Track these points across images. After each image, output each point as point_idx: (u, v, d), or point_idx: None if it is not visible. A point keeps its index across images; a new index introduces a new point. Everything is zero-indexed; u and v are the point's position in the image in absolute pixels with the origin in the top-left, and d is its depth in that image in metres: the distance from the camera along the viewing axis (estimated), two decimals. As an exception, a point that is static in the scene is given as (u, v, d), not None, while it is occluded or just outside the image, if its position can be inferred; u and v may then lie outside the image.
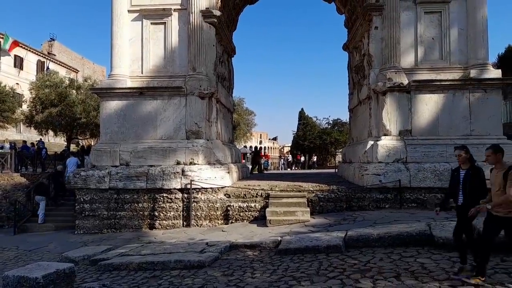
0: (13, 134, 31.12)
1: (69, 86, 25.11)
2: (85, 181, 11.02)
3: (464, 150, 4.72)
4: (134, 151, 11.29)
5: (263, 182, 12.05)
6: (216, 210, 10.65)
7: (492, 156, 4.33)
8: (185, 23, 11.62)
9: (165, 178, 10.71)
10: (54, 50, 43.03)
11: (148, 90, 11.57)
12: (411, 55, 11.26)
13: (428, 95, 10.96)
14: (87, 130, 25.06)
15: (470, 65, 10.96)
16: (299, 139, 41.99)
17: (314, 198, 10.52)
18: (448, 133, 10.83)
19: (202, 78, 11.43)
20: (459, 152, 4.77)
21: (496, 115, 10.90)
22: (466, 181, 4.67)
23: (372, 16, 11.44)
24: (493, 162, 4.35)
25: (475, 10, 10.89)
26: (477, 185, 4.58)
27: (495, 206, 4.12)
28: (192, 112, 11.42)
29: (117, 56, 11.71)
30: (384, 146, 10.71)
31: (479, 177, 4.62)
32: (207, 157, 11.23)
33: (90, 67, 49.06)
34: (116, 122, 11.65)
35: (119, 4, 11.71)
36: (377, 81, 11.12)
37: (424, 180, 10.21)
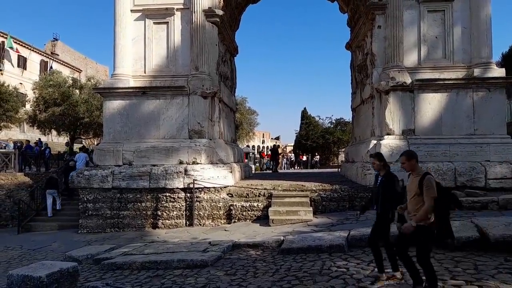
0: (17, 133, 31.25)
1: (72, 85, 25.19)
2: (88, 181, 11.06)
3: (377, 158, 4.52)
4: (137, 151, 11.31)
5: (266, 182, 12.04)
6: (219, 209, 10.66)
7: (406, 163, 4.11)
8: (188, 22, 11.63)
9: (168, 178, 10.73)
10: (57, 50, 43.18)
11: (151, 90, 11.59)
12: (414, 54, 11.22)
13: (432, 94, 10.91)
14: (90, 129, 25.12)
15: (473, 64, 10.90)
16: (302, 139, 41.90)
17: (317, 197, 10.50)
18: (452, 133, 10.78)
19: (205, 78, 11.43)
20: (373, 160, 4.60)
21: (500, 114, 10.85)
22: (379, 189, 4.59)
23: (375, 15, 11.40)
24: (408, 169, 4.15)
25: (478, 9, 10.84)
26: (388, 193, 4.48)
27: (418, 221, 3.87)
28: (195, 112, 11.42)
29: (120, 55, 11.74)
30: (387, 146, 10.68)
31: (392, 184, 4.52)
32: (210, 156, 11.24)
33: (93, 67, 49.20)
34: (119, 121, 11.68)
35: (122, 4, 11.73)
36: (380, 80, 11.08)
37: (427, 179, 10.15)
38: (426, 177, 3.90)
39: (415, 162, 4.08)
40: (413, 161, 4.08)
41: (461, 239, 5.63)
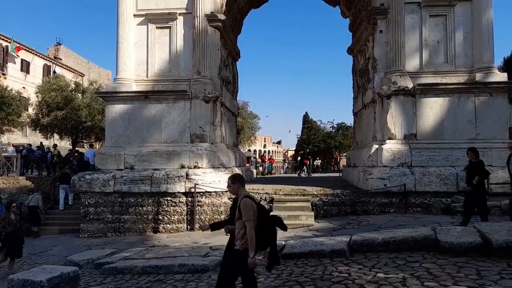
0: (19, 137, 31.35)
1: (74, 89, 25.31)
2: (90, 185, 11.07)
3: (230, 180, 4.16)
4: (138, 155, 11.32)
5: (267, 186, 12.03)
6: (220, 214, 10.64)
7: (231, 186, 4.00)
8: (190, 27, 11.68)
9: (169, 182, 10.73)
10: (60, 54, 43.39)
11: (153, 94, 11.62)
12: (416, 58, 11.22)
13: (433, 98, 10.90)
14: (92, 133, 25.20)
15: (475, 68, 10.90)
16: (303, 143, 41.90)
17: (318, 202, 10.48)
18: (454, 137, 10.76)
19: (207, 82, 11.46)
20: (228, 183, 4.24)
21: (502, 119, 10.82)
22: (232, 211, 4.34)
23: (376, 20, 11.43)
24: (232, 192, 4.03)
25: (480, 14, 10.85)
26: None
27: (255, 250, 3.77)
28: (197, 116, 11.44)
29: (122, 60, 11.79)
30: (389, 150, 10.66)
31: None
32: (211, 160, 11.24)
33: (96, 71, 49.41)
34: (121, 125, 11.71)
35: (125, 8, 11.80)
36: (382, 85, 11.09)
37: (430, 184, 10.14)
38: (242, 200, 3.78)
39: (238, 186, 3.97)
40: (236, 184, 3.97)
41: (464, 244, 5.60)
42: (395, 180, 10.18)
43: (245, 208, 3.74)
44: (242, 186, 4.03)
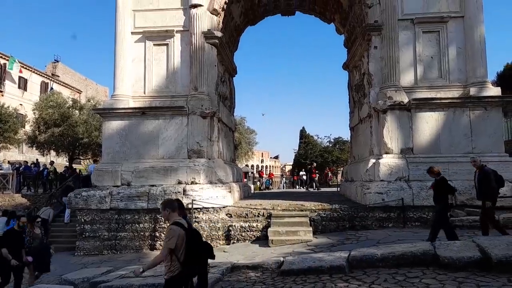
0: (15, 154, 31.18)
1: (72, 106, 25.35)
2: (86, 202, 10.97)
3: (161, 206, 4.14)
4: (135, 171, 11.28)
5: (265, 201, 11.96)
6: (218, 230, 10.54)
7: (162, 212, 3.99)
8: (187, 44, 11.81)
9: (166, 198, 10.65)
10: (58, 71, 43.60)
11: (151, 110, 11.66)
12: (411, 73, 11.37)
13: (429, 113, 11.00)
14: (89, 150, 25.13)
15: (469, 83, 11.04)
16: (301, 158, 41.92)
17: (317, 217, 10.42)
18: (450, 151, 10.81)
19: (204, 98, 11.53)
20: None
21: (497, 132, 10.90)
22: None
23: (371, 36, 11.61)
24: (164, 218, 3.99)
25: (472, 30, 11.05)
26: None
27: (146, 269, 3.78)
28: (194, 131, 11.46)
29: (120, 76, 11.87)
30: (386, 164, 10.68)
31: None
32: (209, 176, 11.20)
33: (93, 88, 49.59)
34: (118, 141, 11.69)
35: (122, 26, 11.95)
36: (378, 100, 11.19)
37: (427, 198, 10.11)
38: (168, 227, 3.78)
39: (169, 212, 3.95)
40: (167, 210, 3.95)
41: (463, 259, 5.56)
42: (393, 195, 10.17)
43: (168, 235, 3.73)
44: (173, 211, 3.98)
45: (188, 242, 3.78)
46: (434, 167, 7.98)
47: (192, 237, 3.89)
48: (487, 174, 7.48)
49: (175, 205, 4.15)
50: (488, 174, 7.46)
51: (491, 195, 7.39)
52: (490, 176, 7.42)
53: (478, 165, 7.73)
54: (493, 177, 7.43)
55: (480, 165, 7.72)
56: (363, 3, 11.86)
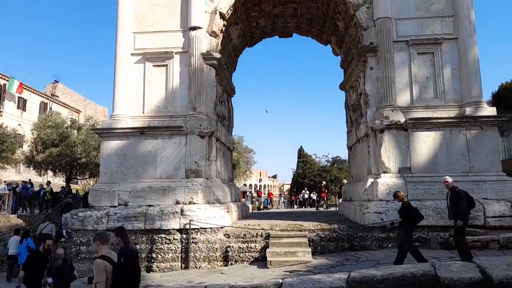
0: (12, 174, 31.01)
1: (70, 126, 25.40)
2: (82, 222, 10.85)
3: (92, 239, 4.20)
4: (133, 191, 11.21)
5: (263, 222, 11.87)
6: (215, 251, 10.40)
7: (92, 245, 3.98)
8: (186, 65, 11.98)
9: (163, 218, 10.56)
10: (58, 91, 43.94)
11: (149, 130, 11.70)
12: (407, 93, 11.51)
13: (425, 132, 11.08)
14: (87, 170, 25.03)
15: (465, 103, 11.16)
16: (299, 177, 41.87)
17: (315, 237, 10.32)
18: (448, 170, 10.81)
19: (202, 118, 11.60)
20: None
21: (494, 152, 10.96)
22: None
23: (367, 57, 11.82)
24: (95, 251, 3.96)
25: (466, 51, 11.27)
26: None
27: None
28: (192, 151, 11.47)
29: (119, 97, 11.96)
30: (384, 184, 10.67)
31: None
32: (207, 196, 11.15)
33: (92, 108, 49.85)
34: (116, 161, 11.67)
35: (123, 47, 12.13)
36: (374, 119, 11.28)
37: (426, 218, 10.02)
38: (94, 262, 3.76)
39: (98, 244, 3.92)
40: (96, 243, 3.93)
41: (464, 280, 5.49)
42: (392, 214, 10.09)
43: (95, 270, 3.70)
44: (102, 244, 3.94)
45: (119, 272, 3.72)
46: (398, 193, 8.25)
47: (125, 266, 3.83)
48: (458, 195, 7.59)
49: (106, 237, 4.09)
50: (460, 194, 7.59)
51: (462, 215, 7.46)
52: (462, 196, 7.54)
53: (450, 186, 7.89)
54: (464, 198, 7.55)
55: (452, 186, 7.88)
56: (358, 25, 12.13)
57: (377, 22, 11.64)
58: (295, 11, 14.80)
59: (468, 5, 11.40)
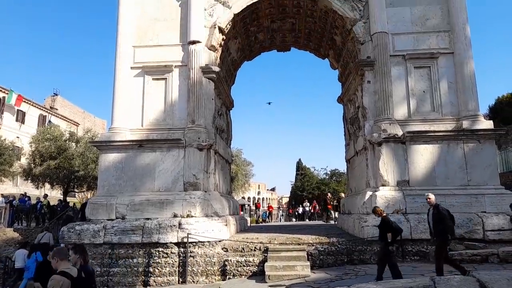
0: (9, 187, 30.81)
1: (69, 139, 25.38)
2: (79, 236, 10.75)
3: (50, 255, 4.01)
4: (130, 204, 11.16)
5: (262, 235, 11.79)
6: (213, 265, 10.30)
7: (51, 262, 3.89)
8: (185, 78, 12.07)
9: (161, 232, 10.48)
10: (57, 104, 44.06)
11: (148, 143, 11.71)
12: (404, 107, 11.59)
13: (423, 145, 11.12)
14: (84, 183, 24.89)
15: (462, 116, 11.24)
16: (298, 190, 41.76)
17: (314, 251, 10.24)
18: (446, 183, 10.83)
19: (201, 130, 11.64)
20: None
21: (492, 165, 10.99)
22: None
23: (364, 71, 11.94)
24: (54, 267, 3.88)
25: (462, 65, 11.40)
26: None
27: None
28: (190, 164, 11.47)
29: (118, 109, 12.01)
30: (382, 197, 10.65)
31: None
32: (205, 209, 11.09)
33: (91, 120, 49.93)
34: (114, 174, 11.64)
35: (122, 61, 12.24)
36: (372, 132, 11.33)
37: (425, 231, 9.98)
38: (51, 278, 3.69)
39: (57, 260, 3.86)
40: (55, 259, 3.87)
41: (464, 294, 5.44)
42: (391, 228, 10.04)
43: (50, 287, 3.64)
44: (61, 260, 3.87)
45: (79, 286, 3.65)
46: (377, 208, 8.39)
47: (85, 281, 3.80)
48: (442, 212, 7.69)
49: (65, 253, 4.02)
50: (444, 212, 7.69)
51: (444, 232, 7.55)
52: (445, 214, 7.64)
53: (432, 203, 7.95)
54: (447, 215, 7.65)
55: (435, 203, 7.95)
56: (355, 40, 12.29)
57: (374, 36, 11.80)
58: (293, 26, 15.00)
59: (463, 20, 11.59)
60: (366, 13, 12.12)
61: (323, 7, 12.85)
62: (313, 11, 13.57)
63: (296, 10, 13.79)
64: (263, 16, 14.04)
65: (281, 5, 13.45)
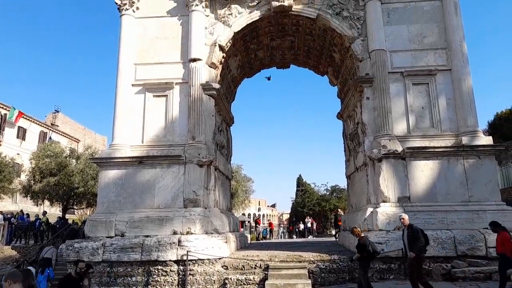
0: (8, 204, 30.65)
1: (69, 156, 25.38)
2: (78, 254, 10.63)
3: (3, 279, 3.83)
4: (130, 221, 11.09)
5: (262, 252, 11.68)
6: (213, 283, 10.16)
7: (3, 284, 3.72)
8: (186, 95, 12.18)
9: (160, 249, 10.38)
10: (58, 121, 44.26)
11: (148, 159, 11.72)
12: (403, 123, 11.65)
13: (423, 161, 11.11)
14: (84, 199, 24.76)
15: (461, 132, 11.27)
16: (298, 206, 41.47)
17: (315, 269, 10.12)
18: (447, 199, 10.77)
19: (201, 147, 11.67)
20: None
21: (492, 180, 10.95)
22: None
23: (363, 88, 12.05)
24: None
25: (460, 82, 11.51)
26: None
27: None
28: (191, 180, 11.45)
29: (119, 126, 12.07)
30: (383, 213, 10.59)
31: None
32: (205, 226, 11.01)
33: (92, 137, 50.05)
34: (113, 191, 11.61)
35: (124, 78, 12.38)
36: (372, 148, 11.35)
37: (428, 248, 9.91)
38: None
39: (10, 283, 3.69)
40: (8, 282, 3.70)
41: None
42: (393, 245, 9.97)
43: None
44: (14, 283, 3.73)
45: None
46: (355, 229, 8.78)
47: None
48: (415, 231, 7.96)
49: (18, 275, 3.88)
50: (417, 231, 7.96)
51: (418, 250, 7.79)
52: (419, 233, 7.92)
53: (406, 223, 8.20)
54: (421, 234, 7.94)
55: (409, 223, 8.21)
56: (354, 57, 12.46)
57: (372, 54, 11.96)
58: (292, 44, 15.22)
59: (460, 38, 11.77)
60: (364, 31, 12.32)
61: (322, 26, 13.07)
62: (311, 29, 13.80)
63: (295, 29, 14.02)
64: (262, 34, 14.27)
65: (280, 23, 13.69)
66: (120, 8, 12.89)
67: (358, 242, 8.37)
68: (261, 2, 12.79)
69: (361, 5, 12.52)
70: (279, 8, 12.49)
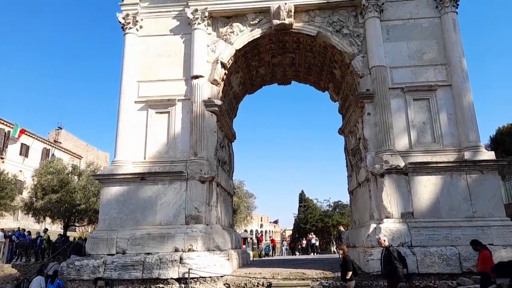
0: (10, 222, 30.50)
1: (71, 172, 25.39)
2: (78, 272, 10.53)
3: None
4: (131, 238, 11.01)
5: (265, 270, 11.53)
6: (215, 301, 10.00)
7: None
8: (188, 111, 12.27)
9: (162, 267, 10.27)
10: (61, 138, 44.45)
11: (150, 175, 11.72)
12: (405, 138, 11.65)
13: (426, 177, 11.06)
14: (85, 216, 24.63)
15: (463, 147, 11.26)
16: (301, 222, 41.09)
17: (319, 286, 9.96)
18: (451, 215, 10.67)
19: (203, 163, 11.67)
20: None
21: (496, 195, 10.87)
22: None
23: (364, 104, 12.11)
24: None
25: (460, 97, 11.57)
26: None
27: None
28: (192, 196, 11.41)
29: (121, 143, 12.13)
30: (387, 229, 10.48)
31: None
32: (206, 243, 10.92)
33: (94, 154, 50.16)
34: (115, 208, 11.58)
35: (127, 95, 12.52)
36: (374, 164, 11.33)
37: (432, 265, 9.79)
38: None
39: None
40: None
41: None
42: (397, 261, 9.81)
43: None
44: None
45: None
46: (342, 245, 9.34)
47: None
48: (391, 254, 8.20)
49: None
50: (393, 254, 8.21)
51: (394, 272, 8.05)
52: (395, 256, 8.18)
53: (384, 245, 8.55)
54: (397, 256, 8.19)
55: (386, 244, 8.55)
56: (355, 73, 12.57)
57: (373, 70, 12.07)
58: (293, 60, 15.40)
59: (459, 54, 11.89)
60: (364, 48, 12.47)
61: (322, 43, 13.24)
62: (312, 46, 13.98)
63: (296, 46, 14.21)
64: (264, 51, 14.46)
65: (281, 41, 13.88)
66: (124, 27, 13.13)
67: (342, 260, 8.80)
68: (262, 21, 13.02)
69: (360, 22, 12.72)
70: (280, 26, 12.70)
